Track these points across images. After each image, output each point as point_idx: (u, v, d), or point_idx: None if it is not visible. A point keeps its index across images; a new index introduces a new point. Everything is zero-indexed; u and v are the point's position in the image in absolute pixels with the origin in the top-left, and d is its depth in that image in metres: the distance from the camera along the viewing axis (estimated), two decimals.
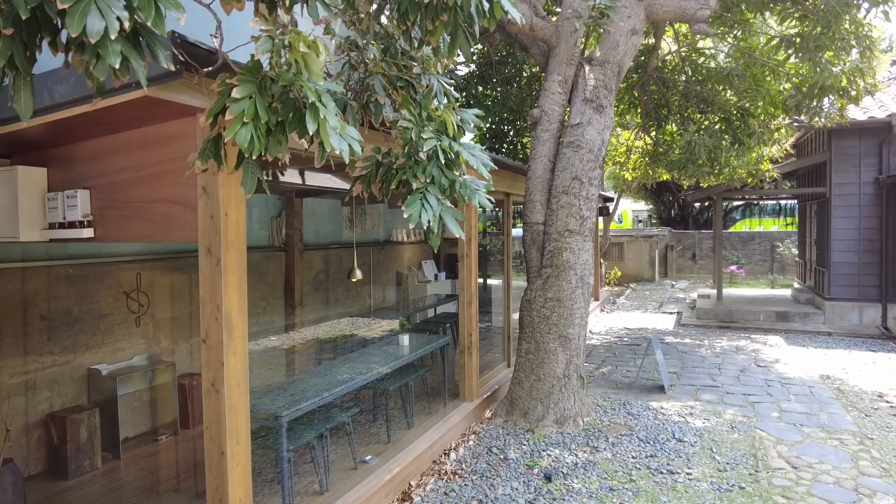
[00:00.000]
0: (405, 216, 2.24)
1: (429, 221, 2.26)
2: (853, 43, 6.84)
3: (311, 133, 1.88)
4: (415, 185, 2.36)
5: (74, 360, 4.67)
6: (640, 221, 30.01)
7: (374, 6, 2.70)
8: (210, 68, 2.22)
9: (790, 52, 7.29)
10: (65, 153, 3.42)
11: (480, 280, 11.38)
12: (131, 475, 4.40)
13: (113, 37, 1.37)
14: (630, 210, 28.54)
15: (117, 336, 4.99)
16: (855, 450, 4.90)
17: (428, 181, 2.37)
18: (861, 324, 10.23)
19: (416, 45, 2.75)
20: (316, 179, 5.06)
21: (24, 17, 1.37)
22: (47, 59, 1.96)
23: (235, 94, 1.83)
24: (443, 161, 2.39)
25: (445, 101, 2.74)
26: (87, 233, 3.21)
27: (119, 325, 5.01)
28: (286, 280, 7.05)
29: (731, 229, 23.62)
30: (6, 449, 4.00)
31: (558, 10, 7.43)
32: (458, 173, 2.51)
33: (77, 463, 4.35)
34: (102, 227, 3.22)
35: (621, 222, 25.56)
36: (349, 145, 2.02)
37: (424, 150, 2.34)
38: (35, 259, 4.40)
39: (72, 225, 3.24)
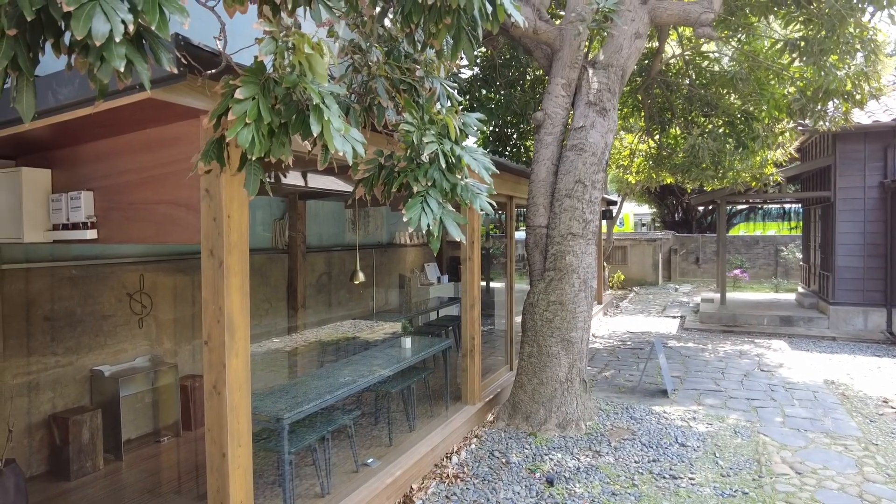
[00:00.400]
0: (405, 220, 2.24)
1: (428, 225, 2.25)
2: (858, 47, 6.82)
3: (314, 135, 1.88)
4: (416, 189, 2.35)
5: (77, 361, 4.68)
6: (643, 225, 29.99)
7: (378, 9, 2.70)
8: (213, 70, 2.22)
9: (794, 55, 7.28)
10: (69, 155, 3.43)
11: (483, 283, 11.37)
12: (133, 477, 4.40)
13: (117, 40, 1.37)
14: (632, 213, 28.51)
15: (120, 337, 5.00)
16: (860, 456, 4.87)
17: (429, 184, 2.36)
18: (866, 329, 10.17)
19: (419, 48, 2.75)
20: (319, 182, 5.06)
21: (28, 19, 1.37)
22: (53, 62, 1.97)
23: (238, 94, 1.84)
24: (444, 165, 2.38)
25: (448, 104, 2.74)
26: (91, 234, 3.21)
27: (122, 327, 5.02)
28: (289, 282, 7.05)
29: (729, 233, 23.54)
30: (8, 449, 4.01)
31: (562, 13, 7.44)
32: (459, 177, 2.50)
33: (79, 464, 4.35)
34: (106, 228, 3.23)
35: (622, 225, 25.53)
36: (352, 147, 2.02)
37: (426, 153, 2.34)
38: (39, 260, 4.42)
39: (75, 226, 3.25)
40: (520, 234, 9.42)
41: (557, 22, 6.63)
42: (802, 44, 7.02)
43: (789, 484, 4.36)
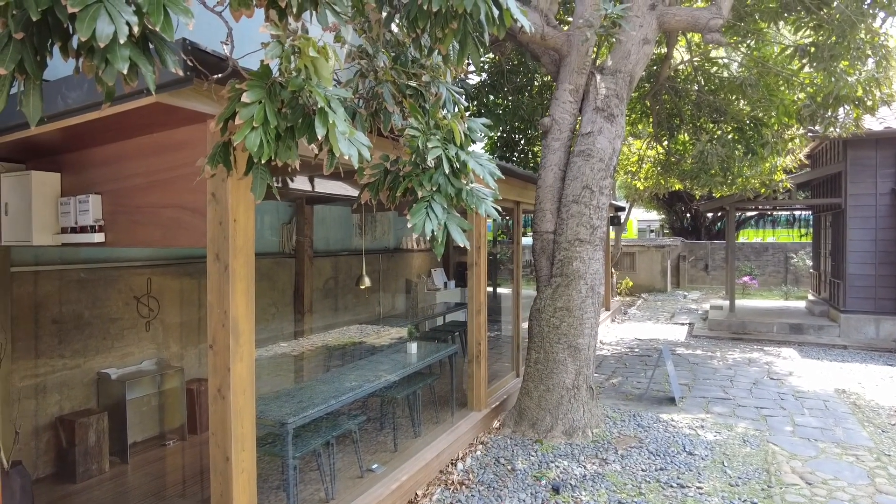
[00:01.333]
0: (409, 226, 2.22)
1: (433, 231, 2.24)
2: (869, 52, 6.77)
3: (320, 138, 1.88)
4: (420, 194, 2.35)
5: (84, 364, 4.70)
6: (651, 231, 29.81)
7: (384, 14, 2.71)
8: (220, 75, 2.23)
9: (804, 61, 7.23)
10: (78, 159, 3.46)
11: (490, 289, 11.34)
12: (138, 480, 4.40)
13: (122, 41, 1.38)
14: (636, 219, 28.27)
15: (127, 340, 5.02)
16: (871, 466, 4.80)
17: (434, 189, 2.35)
18: (878, 337, 10.04)
19: (426, 53, 2.75)
20: (326, 186, 5.07)
21: (35, 19, 1.38)
22: (63, 66, 1.98)
23: (245, 98, 1.84)
24: (449, 170, 2.38)
25: (454, 109, 2.73)
26: (99, 237, 3.23)
27: (129, 330, 5.04)
28: (296, 286, 7.07)
29: (737, 240, 23.31)
30: (15, 451, 4.02)
31: (570, 18, 7.44)
32: (465, 182, 2.49)
33: (85, 466, 4.37)
34: (113, 231, 3.25)
35: (626, 231, 25.36)
36: (358, 151, 2.02)
37: (430, 158, 2.33)
38: (47, 263, 4.45)
39: (83, 229, 3.27)
40: (527, 240, 9.38)
41: (565, 28, 6.63)
42: (812, 49, 6.97)
43: (799, 494, 4.29)
